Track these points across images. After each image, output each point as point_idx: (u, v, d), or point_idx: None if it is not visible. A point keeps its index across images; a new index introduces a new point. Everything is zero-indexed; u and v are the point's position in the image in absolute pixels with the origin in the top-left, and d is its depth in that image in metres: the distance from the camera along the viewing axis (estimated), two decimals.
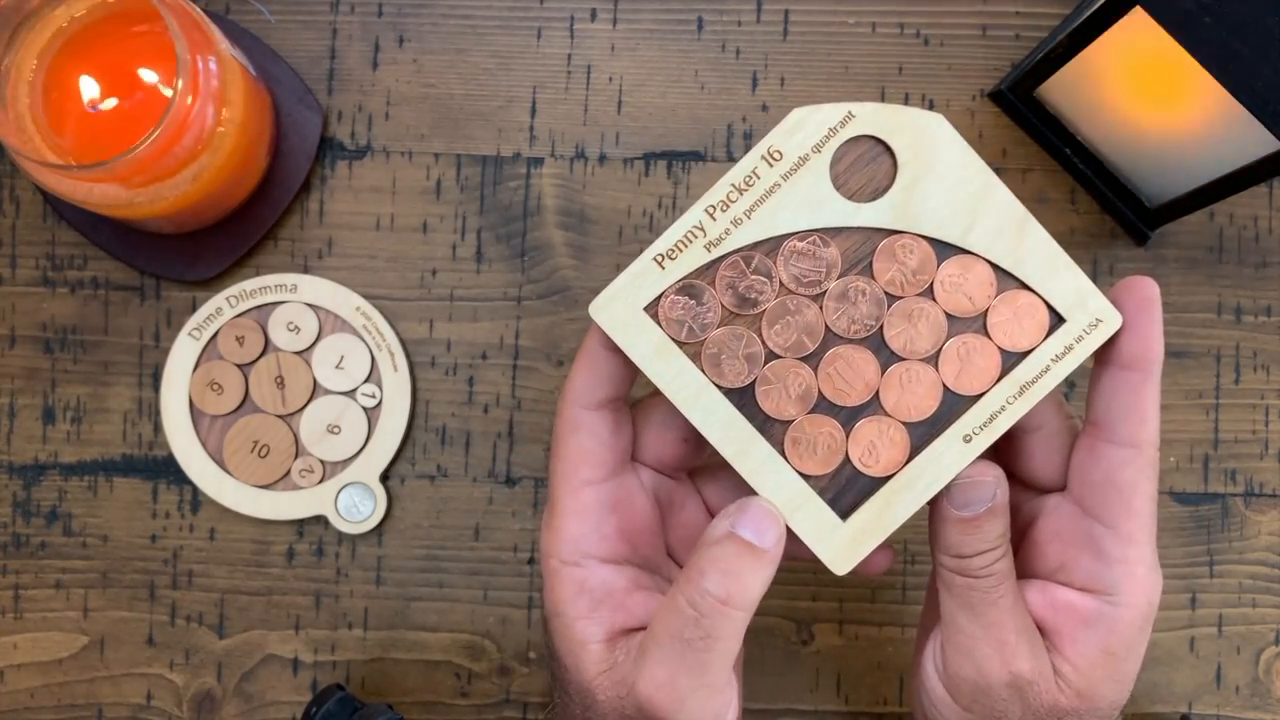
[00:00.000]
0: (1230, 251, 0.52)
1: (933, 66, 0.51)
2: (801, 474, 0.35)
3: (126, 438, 0.51)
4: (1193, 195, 0.46)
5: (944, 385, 0.35)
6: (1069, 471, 0.37)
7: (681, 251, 0.35)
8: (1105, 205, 0.51)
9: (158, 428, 0.51)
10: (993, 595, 0.35)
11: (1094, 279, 0.51)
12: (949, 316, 0.35)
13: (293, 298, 0.50)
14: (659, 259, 0.35)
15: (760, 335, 0.35)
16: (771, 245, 0.35)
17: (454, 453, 0.51)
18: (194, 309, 0.50)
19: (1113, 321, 0.35)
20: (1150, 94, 0.45)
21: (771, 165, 0.35)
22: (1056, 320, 0.35)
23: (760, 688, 0.51)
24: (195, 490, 0.51)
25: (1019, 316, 0.35)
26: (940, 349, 0.35)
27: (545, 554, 0.37)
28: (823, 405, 0.35)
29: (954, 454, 0.35)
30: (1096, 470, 0.35)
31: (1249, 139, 0.41)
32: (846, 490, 0.36)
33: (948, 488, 0.35)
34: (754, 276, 0.35)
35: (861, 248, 0.35)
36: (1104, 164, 0.50)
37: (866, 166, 0.35)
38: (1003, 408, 0.35)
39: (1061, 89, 0.48)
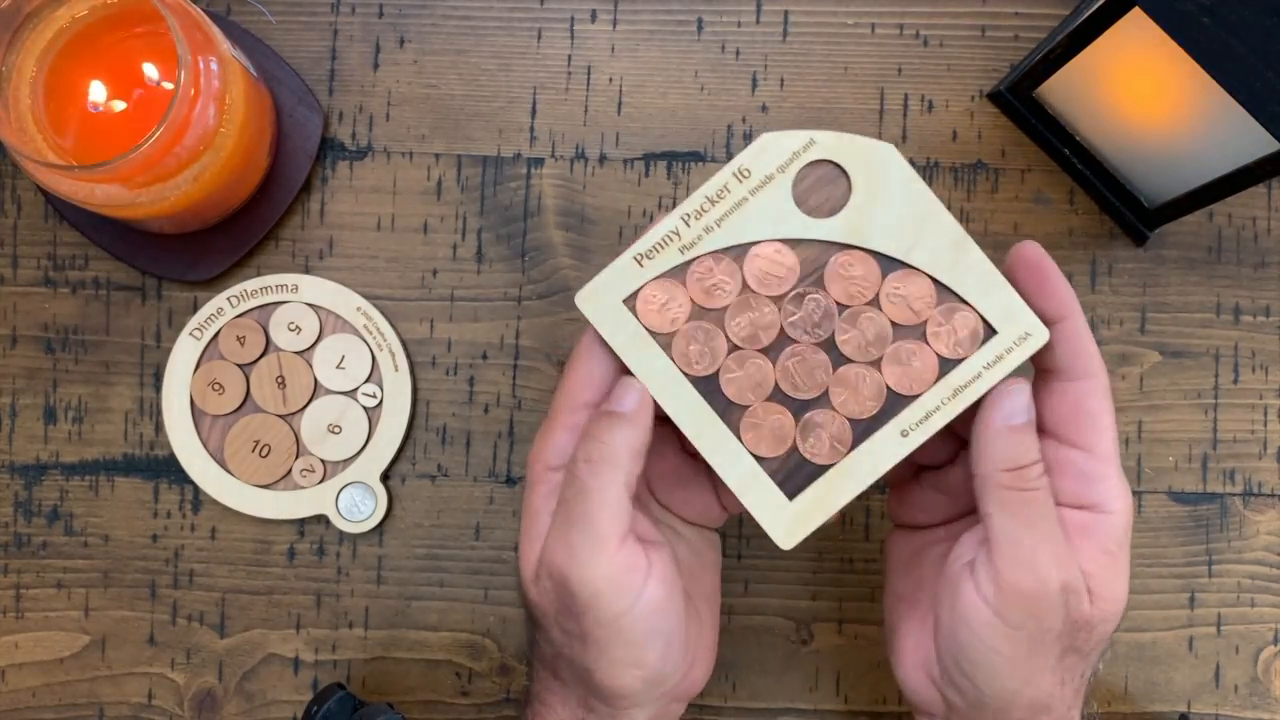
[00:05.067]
0: (1229, 251, 0.52)
1: (932, 67, 0.51)
2: (754, 455, 0.39)
3: (128, 437, 0.51)
4: (1192, 195, 0.46)
5: (886, 386, 0.39)
6: (1039, 416, 0.40)
7: (659, 252, 0.39)
8: (1104, 205, 0.51)
9: (159, 427, 0.51)
10: (1046, 507, 0.38)
11: (1093, 279, 0.51)
12: (893, 324, 0.39)
13: (294, 298, 0.50)
14: (638, 258, 0.39)
15: (724, 329, 0.39)
16: (738, 251, 0.39)
17: (454, 452, 0.51)
18: (195, 309, 0.51)
19: (1039, 336, 0.39)
20: (1149, 94, 0.45)
21: (741, 181, 0.39)
22: (989, 332, 0.39)
23: (760, 688, 0.51)
24: (196, 490, 0.51)
25: (955, 327, 0.39)
26: (884, 354, 0.39)
27: (532, 460, 0.40)
28: (778, 395, 0.40)
29: (891, 446, 0.39)
30: (1064, 404, 0.39)
31: (1248, 139, 0.41)
32: (795, 474, 0.40)
33: (988, 402, 0.39)
34: (720, 277, 0.39)
35: (818, 258, 0.39)
36: (1103, 164, 0.50)
37: (825, 187, 0.39)
38: (938, 407, 0.39)
39: (1061, 89, 0.49)
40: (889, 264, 0.39)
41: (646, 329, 0.39)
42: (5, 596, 0.51)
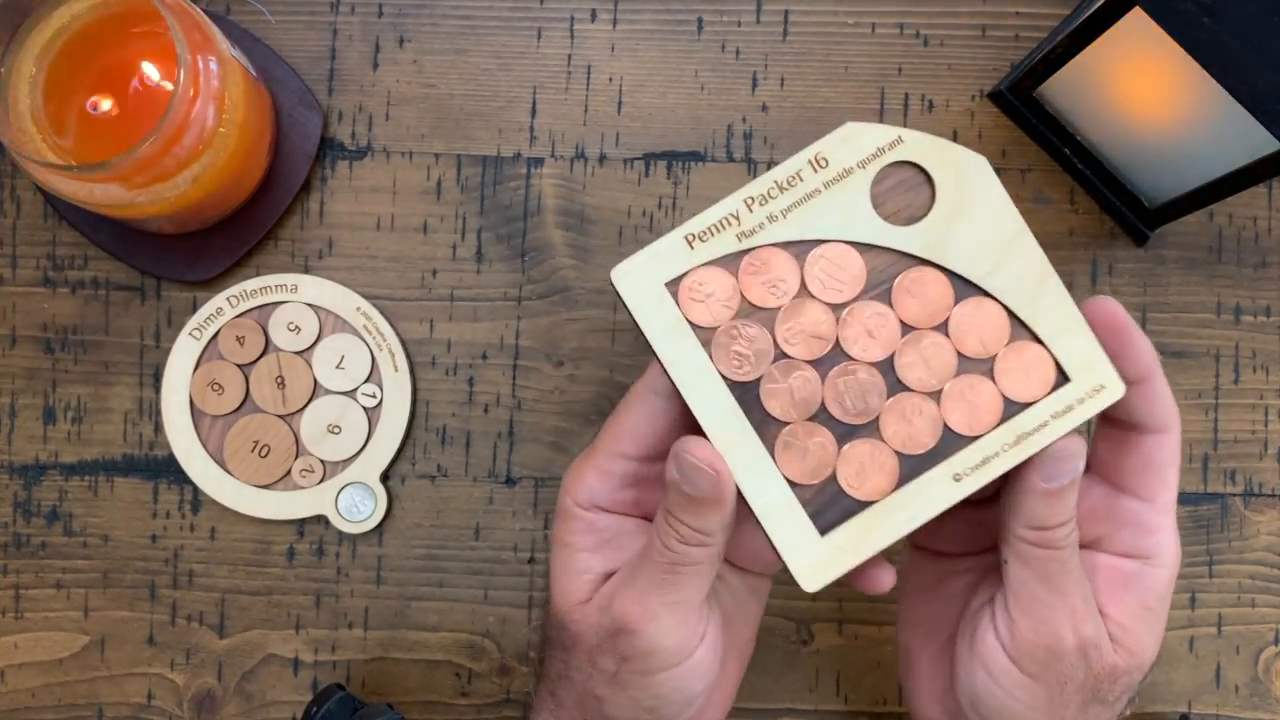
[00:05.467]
0: (1230, 251, 0.52)
1: (932, 66, 0.51)
2: (788, 479, 0.35)
3: (127, 438, 0.51)
4: (1192, 195, 0.46)
5: (944, 423, 0.36)
6: (1095, 459, 0.39)
7: (714, 235, 0.35)
8: (1105, 205, 0.51)
9: (158, 428, 0.51)
10: (1069, 566, 0.36)
11: (1093, 279, 0.51)
12: (960, 355, 0.36)
13: (293, 298, 0.50)
14: (690, 238, 0.35)
15: (773, 332, 0.36)
16: (802, 248, 0.36)
17: (454, 453, 0.51)
18: (194, 309, 0.50)
19: (1115, 389, 0.35)
20: (1150, 94, 0.45)
21: (816, 171, 0.35)
22: (1062, 378, 0.35)
23: (760, 688, 0.51)
24: (196, 490, 0.51)
25: (1026, 368, 0.35)
26: (945, 386, 0.36)
27: (564, 489, 0.39)
28: (822, 416, 0.36)
29: (942, 491, 0.35)
30: (1134, 456, 0.37)
31: (1248, 139, 0.41)
32: (829, 507, 0.36)
33: (1033, 461, 0.35)
34: (777, 273, 0.35)
35: (888, 269, 0.36)
36: (1104, 164, 0.50)
37: (907, 192, 0.36)
38: (997, 453, 0.35)
39: (1061, 89, 0.48)
40: (964, 287, 0.36)
41: (687, 320, 0.35)
42: (5, 597, 0.51)
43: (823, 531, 0.35)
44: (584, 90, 0.51)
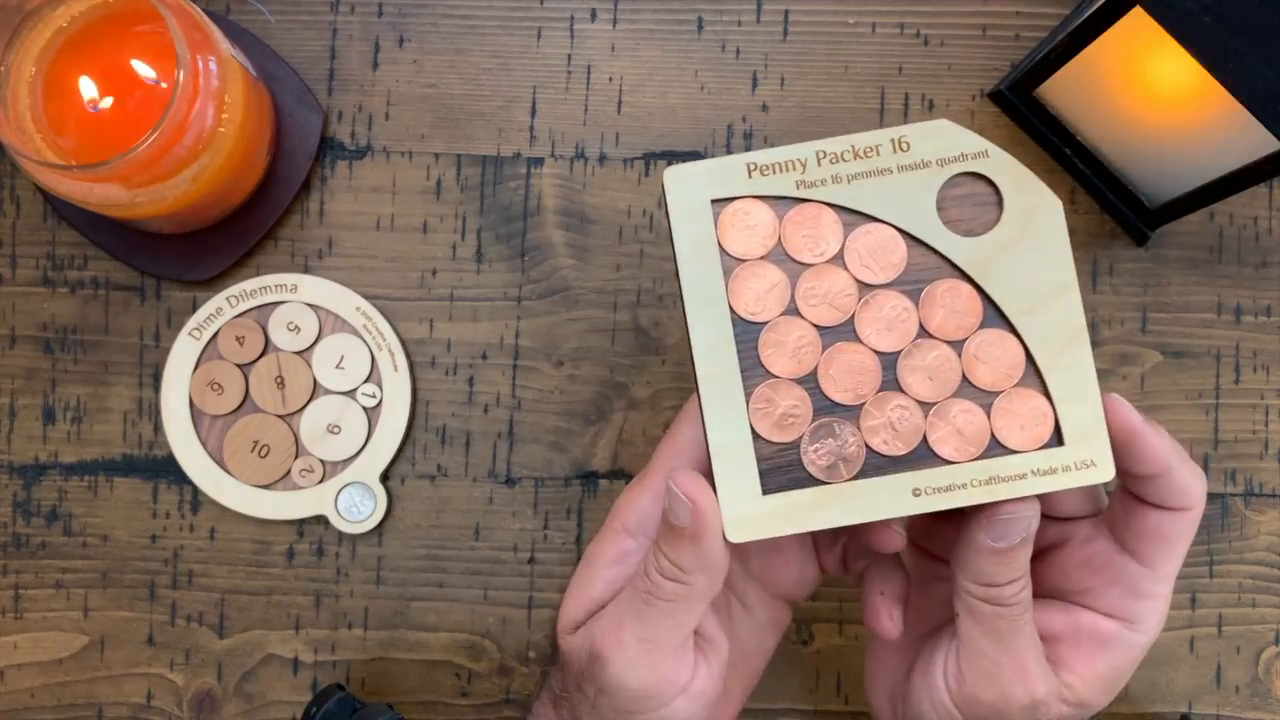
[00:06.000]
0: (1230, 251, 0.52)
1: (933, 66, 0.51)
2: (753, 429, 0.35)
3: (127, 438, 0.51)
4: (1193, 195, 0.46)
5: (924, 435, 0.35)
6: (1110, 514, 0.38)
7: (775, 173, 0.35)
8: (1105, 205, 0.51)
9: (158, 428, 0.51)
10: (1018, 624, 0.36)
11: (1094, 279, 0.51)
12: (964, 379, 0.35)
13: (293, 298, 0.50)
14: (751, 167, 0.35)
15: (794, 286, 0.35)
16: (853, 218, 0.35)
17: (454, 453, 0.51)
18: (194, 309, 0.50)
19: (1104, 472, 0.35)
20: (1150, 94, 0.45)
21: (895, 152, 0.35)
22: (1056, 440, 0.35)
23: (760, 688, 0.51)
24: (195, 490, 0.51)
25: (1025, 416, 0.35)
26: (938, 402, 0.35)
27: (614, 513, 0.39)
28: (809, 383, 0.35)
29: (897, 499, 0.35)
30: (1144, 523, 0.36)
31: (1249, 139, 0.41)
32: (781, 471, 0.35)
33: (985, 519, 0.35)
34: (822, 231, 0.35)
35: (927, 270, 0.35)
36: (1104, 164, 0.50)
37: (975, 206, 0.35)
38: (965, 485, 0.35)
39: (1061, 89, 0.48)
40: (994, 316, 0.35)
41: (719, 243, 0.35)
42: (4, 597, 0.51)
43: (765, 491, 0.35)
44: (584, 90, 0.51)
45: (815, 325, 0.35)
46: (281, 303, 0.50)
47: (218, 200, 0.47)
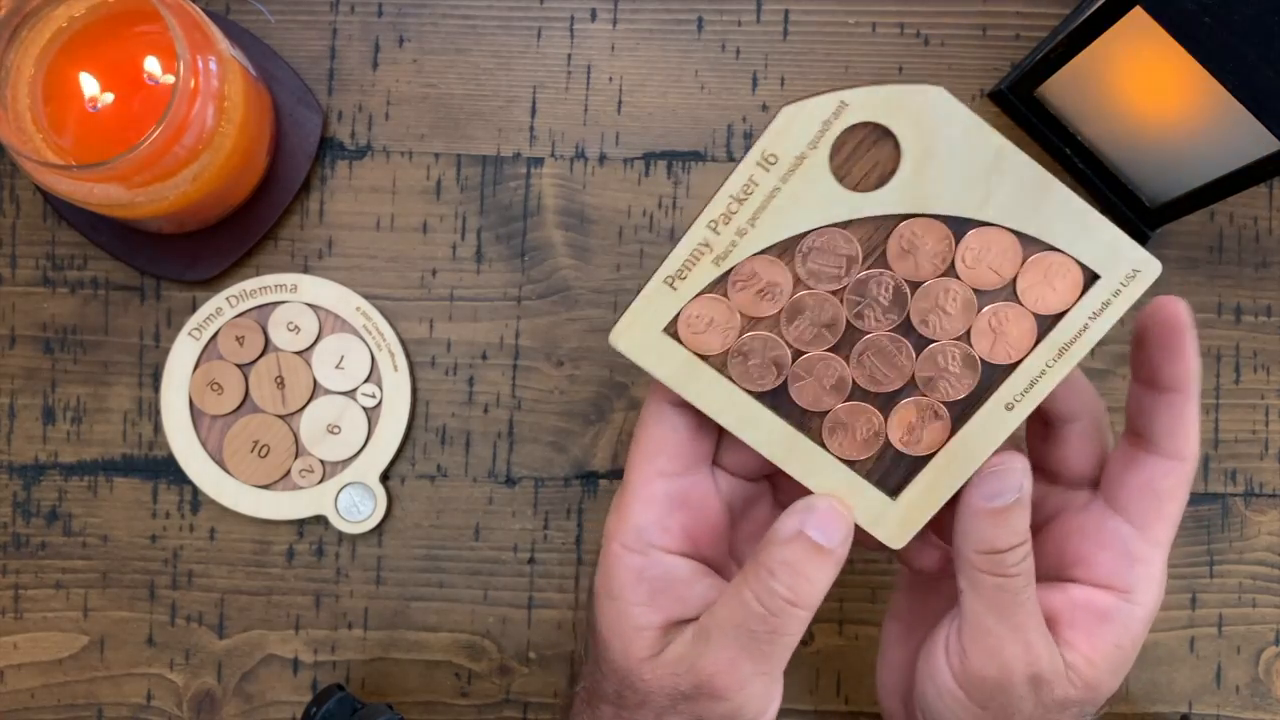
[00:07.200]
0: (1230, 251, 0.52)
1: (933, 66, 0.51)
2: (844, 460, 0.35)
3: (126, 438, 0.51)
4: (1193, 195, 0.46)
5: (979, 359, 0.35)
6: (1105, 473, 0.38)
7: (691, 269, 0.34)
8: (1105, 205, 0.51)
9: (158, 428, 0.51)
10: (1020, 596, 0.35)
11: None
12: (977, 292, 0.34)
13: (293, 298, 0.50)
14: (669, 280, 0.35)
15: (781, 336, 0.35)
16: (783, 247, 0.34)
17: (454, 453, 0.51)
18: (194, 309, 0.50)
19: (1151, 270, 0.34)
20: (1150, 94, 0.45)
21: (768, 170, 0.34)
22: (1091, 277, 0.34)
23: None
24: (195, 490, 0.51)
25: (1050, 278, 0.34)
26: (971, 325, 0.35)
27: (608, 536, 0.37)
28: (858, 393, 0.35)
29: (996, 422, 0.35)
30: (1138, 476, 0.36)
31: (1249, 139, 0.41)
32: (892, 471, 0.36)
33: (974, 480, 0.35)
34: (767, 279, 0.35)
35: (874, 236, 0.34)
36: (1104, 164, 0.50)
37: (868, 152, 0.34)
38: (1042, 372, 0.34)
39: (1061, 89, 0.48)
40: (961, 225, 0.34)
41: (697, 355, 0.35)
42: (4, 597, 0.51)
43: (893, 494, 0.36)
44: (584, 90, 0.51)
45: (827, 350, 0.35)
46: (281, 303, 0.50)
47: (218, 200, 0.47)
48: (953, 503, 0.37)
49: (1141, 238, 0.51)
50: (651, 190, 0.51)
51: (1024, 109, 0.50)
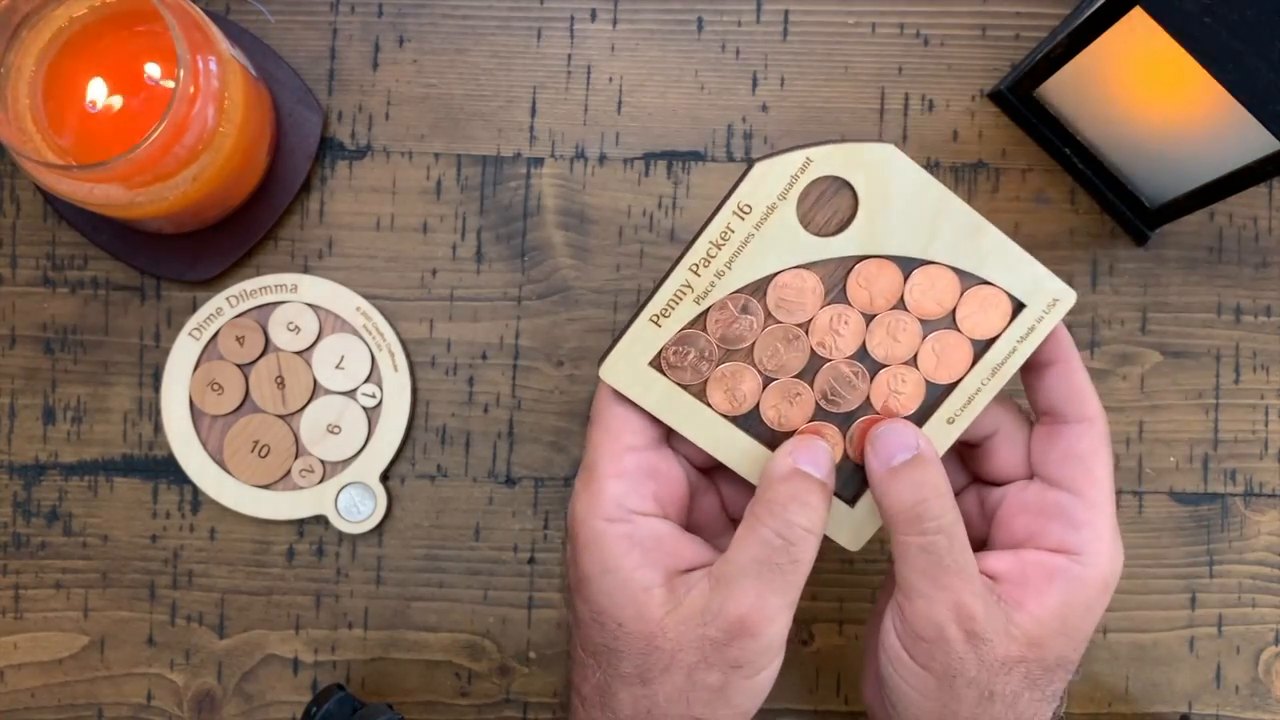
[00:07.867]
0: (1230, 251, 0.52)
1: (933, 66, 0.51)
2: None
3: (127, 438, 0.51)
4: (1193, 195, 0.46)
5: (925, 380, 0.40)
6: (1031, 457, 0.41)
7: (674, 308, 0.39)
8: (1105, 205, 0.51)
9: (158, 428, 0.51)
10: (947, 559, 0.37)
11: (1094, 279, 0.51)
12: (922, 321, 0.39)
13: (293, 298, 0.50)
14: (654, 319, 0.39)
15: (754, 364, 0.39)
16: (756, 286, 0.39)
17: (454, 453, 0.51)
18: (194, 309, 0.50)
19: (1067, 299, 0.39)
20: (1150, 94, 0.45)
21: (743, 218, 0.38)
22: (1018, 306, 0.39)
23: None
24: (195, 490, 0.51)
25: (984, 308, 0.39)
26: (918, 350, 0.39)
27: (584, 516, 0.38)
28: (820, 414, 0.40)
29: (939, 435, 0.40)
30: (1057, 448, 0.39)
31: (1249, 139, 0.41)
32: (849, 481, 0.40)
33: (867, 452, 0.39)
34: (741, 316, 0.39)
35: (834, 274, 0.39)
36: (1104, 164, 0.50)
37: (830, 201, 0.38)
38: (979, 389, 0.40)
39: (1061, 89, 0.48)
40: (909, 264, 0.39)
41: (678, 385, 0.39)
42: (4, 597, 0.51)
43: (850, 503, 0.40)
44: (584, 90, 0.51)
45: (793, 377, 0.40)
46: (281, 303, 0.50)
47: (218, 200, 0.47)
48: None
49: (1141, 238, 0.51)
50: (651, 190, 0.51)
51: (1024, 109, 0.50)
